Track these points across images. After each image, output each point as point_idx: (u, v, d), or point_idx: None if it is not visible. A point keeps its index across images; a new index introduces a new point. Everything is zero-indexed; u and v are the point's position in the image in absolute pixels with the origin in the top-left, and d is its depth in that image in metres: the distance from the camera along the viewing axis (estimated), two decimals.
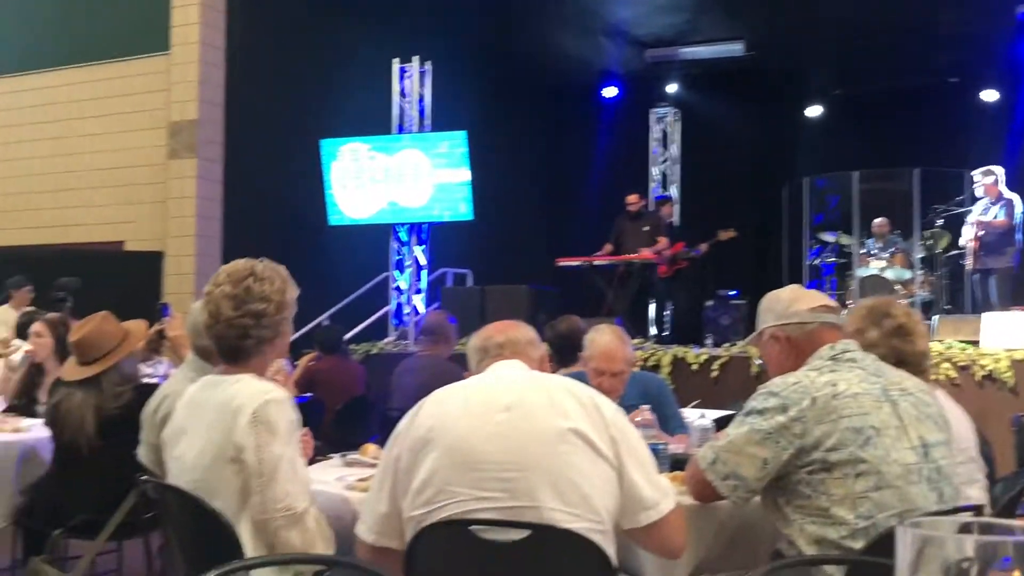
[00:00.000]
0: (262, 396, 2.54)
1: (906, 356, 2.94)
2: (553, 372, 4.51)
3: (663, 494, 2.26)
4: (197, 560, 2.65)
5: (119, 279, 10.12)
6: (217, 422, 2.56)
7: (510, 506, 2.13)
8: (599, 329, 4.03)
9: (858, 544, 2.32)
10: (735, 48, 12.27)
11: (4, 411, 4.99)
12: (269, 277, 2.68)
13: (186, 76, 10.67)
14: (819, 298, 2.76)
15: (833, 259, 11.28)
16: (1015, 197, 9.21)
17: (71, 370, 4.13)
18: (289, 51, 10.88)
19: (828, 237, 11.36)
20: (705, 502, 2.57)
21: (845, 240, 11.20)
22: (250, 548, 2.54)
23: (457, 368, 5.89)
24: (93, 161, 11.36)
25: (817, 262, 11.46)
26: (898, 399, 2.47)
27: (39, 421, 4.47)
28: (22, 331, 5.98)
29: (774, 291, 2.83)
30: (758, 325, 2.81)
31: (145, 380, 4.54)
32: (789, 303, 2.72)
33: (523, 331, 2.60)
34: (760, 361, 3.32)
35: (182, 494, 2.66)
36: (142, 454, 3.64)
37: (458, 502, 2.16)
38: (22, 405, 5.02)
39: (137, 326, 4.29)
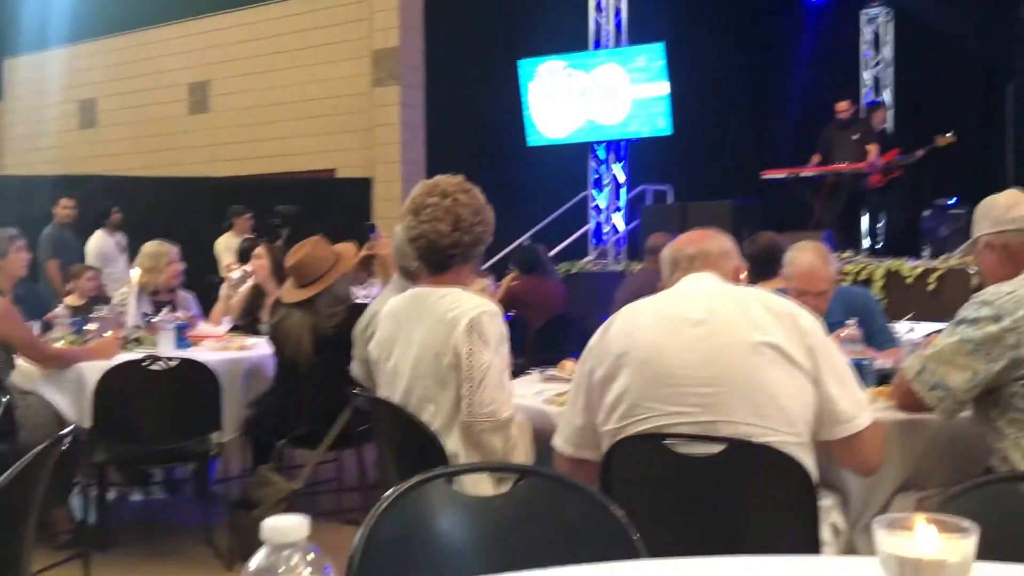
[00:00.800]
0: (478, 308, 2.67)
1: None
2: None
3: (860, 408, 2.20)
4: (407, 468, 2.78)
5: (332, 205, 10.60)
6: (434, 332, 2.70)
7: (705, 420, 2.12)
8: (801, 247, 3.88)
9: None
10: None
11: (229, 330, 5.34)
12: (470, 189, 2.79)
13: (387, 3, 10.89)
14: None
15: None
16: None
17: (289, 292, 4.37)
18: None
19: None
20: (911, 412, 2.48)
21: None
22: (461, 455, 2.66)
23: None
24: (304, 92, 11.82)
25: None
26: None
27: (262, 339, 4.78)
28: (244, 256, 6.35)
29: (991, 196, 2.67)
30: (973, 232, 2.68)
31: (357, 300, 4.76)
32: (1007, 208, 2.57)
33: (716, 241, 2.51)
34: (975, 271, 3.15)
35: (392, 406, 2.80)
36: (354, 369, 3.83)
37: (653, 417, 2.17)
38: (245, 324, 5.36)
39: (347, 249, 4.49)
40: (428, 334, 2.71)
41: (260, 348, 4.71)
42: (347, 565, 1.50)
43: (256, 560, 0.80)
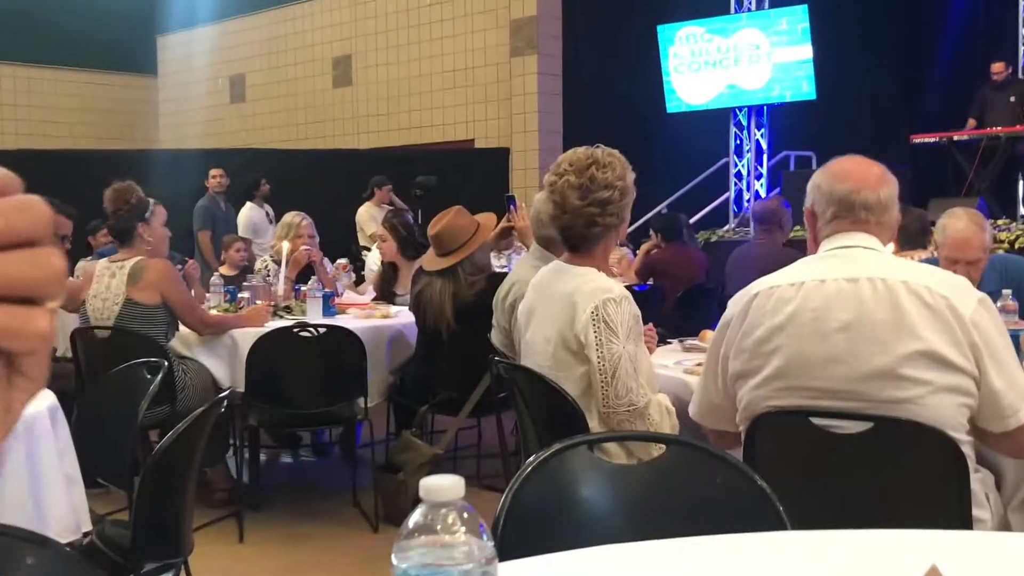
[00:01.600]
0: (601, 295, 2.61)
1: None
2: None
3: (1021, 399, 2.07)
4: (547, 436, 2.82)
5: (471, 175, 10.72)
6: (561, 312, 2.69)
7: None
8: (954, 214, 3.69)
9: None
10: None
11: (373, 299, 5.49)
12: (610, 163, 2.70)
13: None
14: None
15: None
16: None
17: (430, 261, 4.46)
18: None
19: None
20: None
21: None
22: (596, 429, 2.67)
23: (795, 255, 5.74)
24: (443, 64, 11.96)
25: None
26: None
27: (404, 308, 4.90)
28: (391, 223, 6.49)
29: None
30: None
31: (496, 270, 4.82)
32: None
33: (892, 188, 2.24)
34: None
35: (531, 374, 2.84)
36: (494, 337, 3.89)
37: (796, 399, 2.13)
38: (385, 297, 5.50)
39: (487, 218, 4.54)
40: (556, 313, 2.71)
41: (403, 316, 4.83)
42: (491, 529, 1.54)
43: (414, 517, 0.83)
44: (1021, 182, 10.20)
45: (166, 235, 4.49)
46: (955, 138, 9.81)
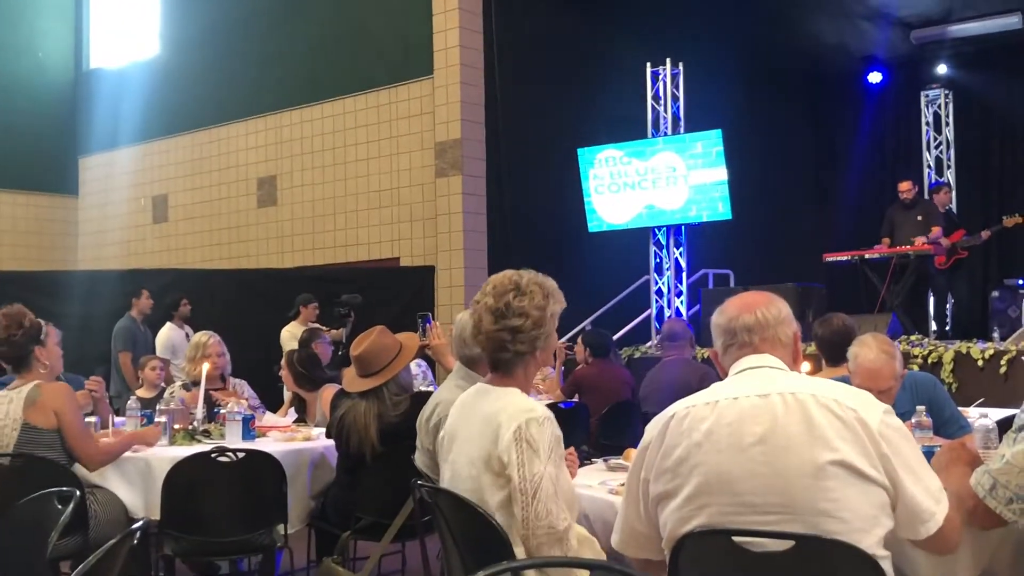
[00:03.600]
0: (525, 415, 2.60)
1: None
2: (819, 372, 4.37)
3: (937, 501, 2.13)
4: (471, 562, 2.77)
5: (396, 293, 10.73)
6: (483, 434, 2.67)
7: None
8: (864, 343, 3.75)
9: None
10: (1011, 21, 11.38)
11: (295, 421, 5.41)
12: (531, 292, 2.73)
13: (449, 97, 11.15)
14: None
15: None
16: None
17: (352, 382, 4.41)
18: (544, 64, 11.14)
19: None
20: (988, 528, 2.35)
21: None
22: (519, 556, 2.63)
23: (705, 367, 5.84)
24: (369, 184, 12.08)
25: None
26: None
27: (323, 430, 4.83)
28: (305, 344, 6.47)
29: None
30: None
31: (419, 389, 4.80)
32: None
33: (773, 308, 2.36)
34: None
35: (455, 498, 2.80)
36: (418, 459, 3.84)
37: (719, 517, 2.15)
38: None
39: (410, 338, 4.53)
40: (479, 435, 2.69)
41: (323, 439, 4.74)
42: None
43: None
44: (931, 298, 10.55)
45: (60, 355, 4.39)
46: (866, 256, 10.14)
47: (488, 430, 2.65)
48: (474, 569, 1.67)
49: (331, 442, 4.57)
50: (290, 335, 8.96)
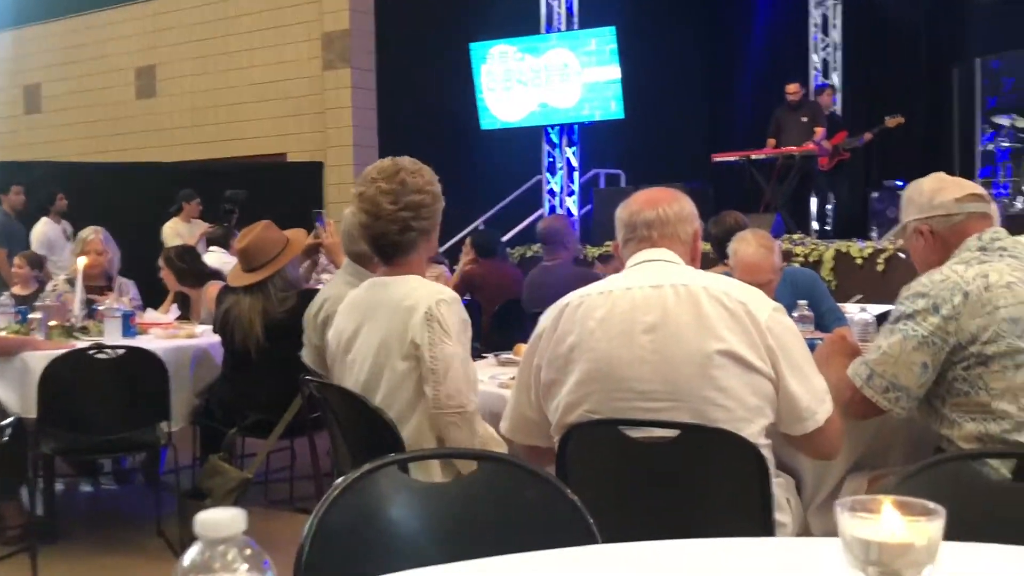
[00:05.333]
0: (434, 296, 2.59)
1: None
2: (711, 268, 4.44)
3: (820, 402, 2.18)
4: (362, 457, 2.75)
5: (283, 189, 10.48)
6: (391, 321, 2.63)
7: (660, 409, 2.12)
8: (743, 239, 3.85)
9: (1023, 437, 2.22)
10: None
11: (177, 318, 5.27)
12: (418, 170, 2.70)
13: None
14: (966, 186, 2.55)
15: (1008, 144, 10.60)
16: None
17: (237, 276, 4.30)
18: None
19: (1003, 121, 10.65)
20: (867, 417, 2.44)
21: (1022, 123, 10.49)
22: (422, 442, 2.62)
23: (586, 274, 5.84)
24: (252, 76, 11.68)
25: (991, 147, 10.80)
26: None
27: (208, 327, 4.71)
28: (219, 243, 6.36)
29: (916, 181, 2.64)
30: (902, 218, 2.65)
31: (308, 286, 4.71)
32: (933, 194, 2.53)
33: (676, 205, 2.37)
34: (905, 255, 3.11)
35: (345, 392, 2.76)
36: (306, 355, 3.78)
37: (607, 403, 2.16)
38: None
39: (297, 234, 4.43)
40: (385, 324, 2.65)
41: (209, 336, 4.64)
42: (296, 555, 1.47)
43: (189, 556, 0.76)
44: (813, 199, 10.80)
45: None
46: (753, 157, 10.30)
47: (396, 316, 2.61)
48: (365, 463, 1.64)
49: (216, 339, 4.47)
50: (172, 231, 8.71)
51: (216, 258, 6.79)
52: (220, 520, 0.75)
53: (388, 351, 2.63)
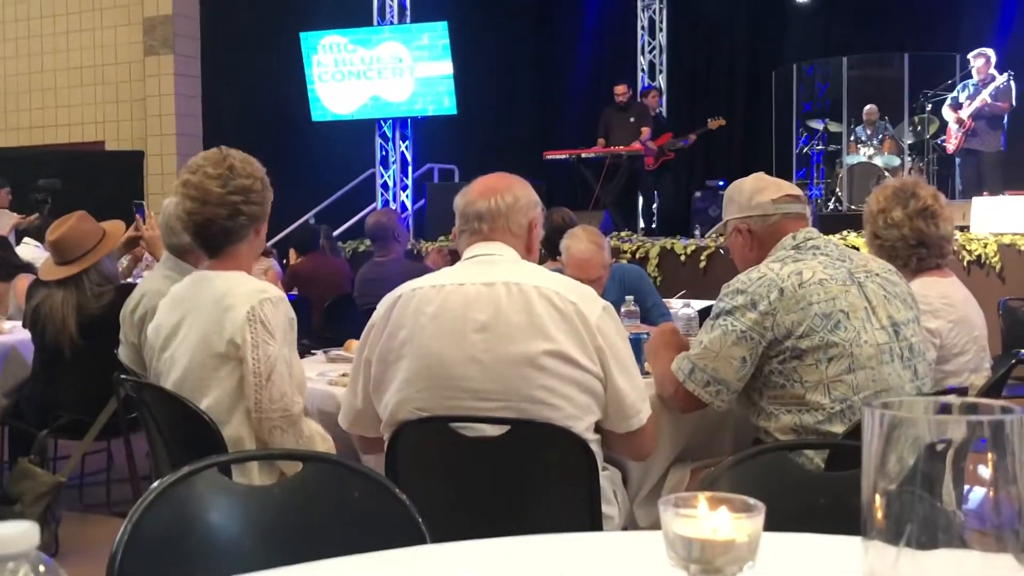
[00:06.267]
0: (258, 295, 2.47)
1: (928, 238, 2.90)
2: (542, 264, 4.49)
3: (643, 400, 2.24)
4: (182, 459, 2.64)
5: (101, 179, 10.01)
6: (212, 318, 2.50)
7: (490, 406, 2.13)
8: (574, 235, 3.94)
9: (836, 428, 2.32)
10: None
11: None
12: (244, 158, 2.59)
13: None
14: (783, 187, 2.65)
15: (822, 147, 11.19)
16: (1009, 78, 9.08)
17: (49, 269, 4.07)
18: None
19: (816, 124, 11.24)
20: (690, 411, 2.52)
21: (834, 127, 11.09)
22: (245, 442, 2.52)
23: (419, 267, 5.81)
24: (69, 60, 11.12)
25: (806, 150, 11.37)
26: (864, 281, 2.44)
27: (18, 323, 4.45)
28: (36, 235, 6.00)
29: (738, 180, 2.74)
30: (724, 216, 2.75)
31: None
32: (752, 194, 2.63)
33: (509, 196, 2.35)
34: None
35: (163, 392, 2.64)
36: (122, 354, 3.61)
37: (438, 400, 2.15)
38: None
39: (114, 226, 4.22)
40: (206, 321, 2.52)
41: (18, 332, 4.38)
42: (108, 562, 1.39)
43: None
44: (640, 197, 11.11)
45: None
46: (583, 155, 10.50)
47: (217, 313, 2.49)
48: (183, 466, 1.57)
49: (26, 335, 4.22)
50: None
51: (30, 251, 6.41)
52: (8, 535, 0.69)
53: (208, 349, 2.51)
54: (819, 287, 2.38)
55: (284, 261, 7.49)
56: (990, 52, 9.22)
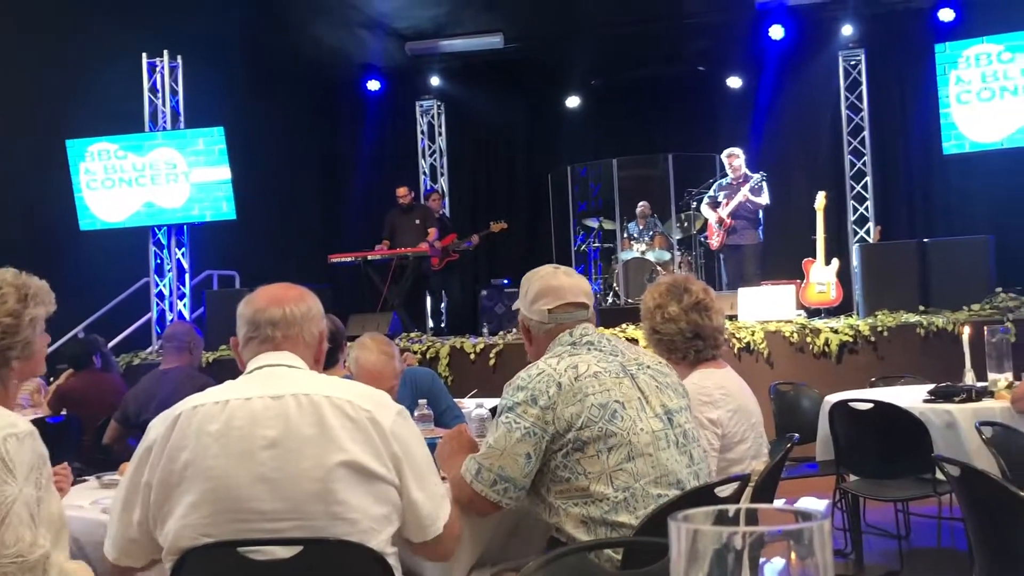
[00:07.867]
0: (2, 431, 2.25)
1: (703, 330, 3.06)
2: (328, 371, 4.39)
3: (440, 508, 2.20)
4: None
5: None
6: None
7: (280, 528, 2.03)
8: (364, 346, 3.84)
9: (621, 517, 2.37)
10: (494, 40, 12.37)
11: None
12: (1, 296, 2.40)
13: None
14: (566, 295, 2.69)
15: (598, 244, 11.66)
16: (762, 177, 9.69)
17: None
18: (26, 47, 10.12)
19: (591, 223, 11.75)
20: (481, 513, 2.50)
21: (608, 225, 11.61)
22: None
23: (203, 380, 5.57)
24: None
25: (583, 247, 11.82)
26: (636, 373, 2.56)
27: None
28: None
29: (532, 271, 2.79)
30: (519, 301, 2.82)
31: None
32: (535, 298, 2.71)
33: (303, 305, 2.32)
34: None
35: None
36: None
37: (226, 525, 2.03)
38: None
39: None
40: None
41: None
42: None
43: None
44: (428, 297, 11.19)
45: None
46: (369, 257, 10.50)
47: None
48: None
49: None
50: None
51: None
52: None
53: None
54: (594, 379, 2.46)
55: (51, 379, 7.00)
56: (739, 151, 9.82)
